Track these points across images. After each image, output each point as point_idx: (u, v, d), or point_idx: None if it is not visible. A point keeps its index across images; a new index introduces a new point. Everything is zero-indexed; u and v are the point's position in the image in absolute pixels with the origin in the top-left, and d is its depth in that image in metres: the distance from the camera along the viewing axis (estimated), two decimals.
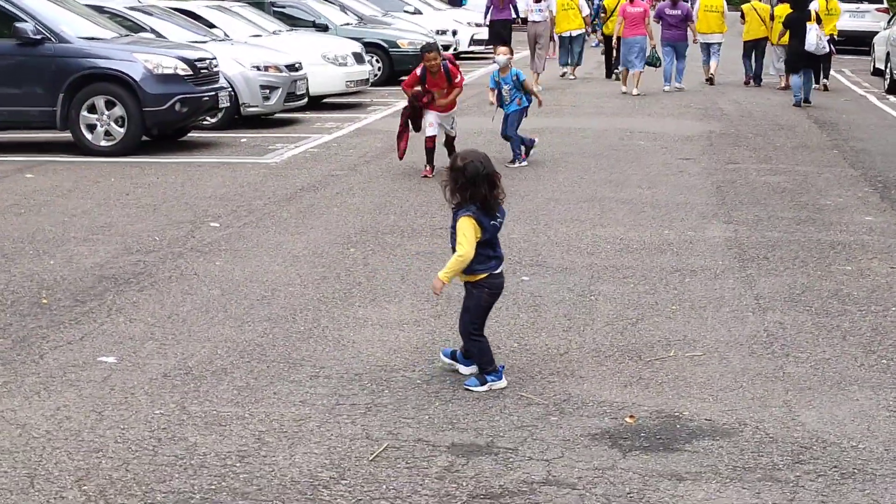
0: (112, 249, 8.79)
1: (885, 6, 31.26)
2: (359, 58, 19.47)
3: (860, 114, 18.45)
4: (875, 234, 9.56)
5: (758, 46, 22.45)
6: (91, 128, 13.44)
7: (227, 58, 15.77)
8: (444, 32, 28.71)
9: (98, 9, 15.66)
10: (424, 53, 12.20)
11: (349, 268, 8.31)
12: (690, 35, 21.57)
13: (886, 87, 21.96)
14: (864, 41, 27.87)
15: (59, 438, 5.17)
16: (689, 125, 16.69)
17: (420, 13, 30.30)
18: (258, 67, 16.21)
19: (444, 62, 12.18)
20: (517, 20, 24.76)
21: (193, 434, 5.24)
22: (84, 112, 13.37)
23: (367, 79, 19.94)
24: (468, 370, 5.99)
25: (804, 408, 5.63)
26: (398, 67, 22.41)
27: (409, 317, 7.11)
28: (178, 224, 9.73)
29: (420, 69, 12.16)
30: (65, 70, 13.28)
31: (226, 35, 17.87)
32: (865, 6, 31.03)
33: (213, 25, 18.14)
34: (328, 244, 9.05)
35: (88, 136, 13.45)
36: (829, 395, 5.81)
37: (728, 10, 23.49)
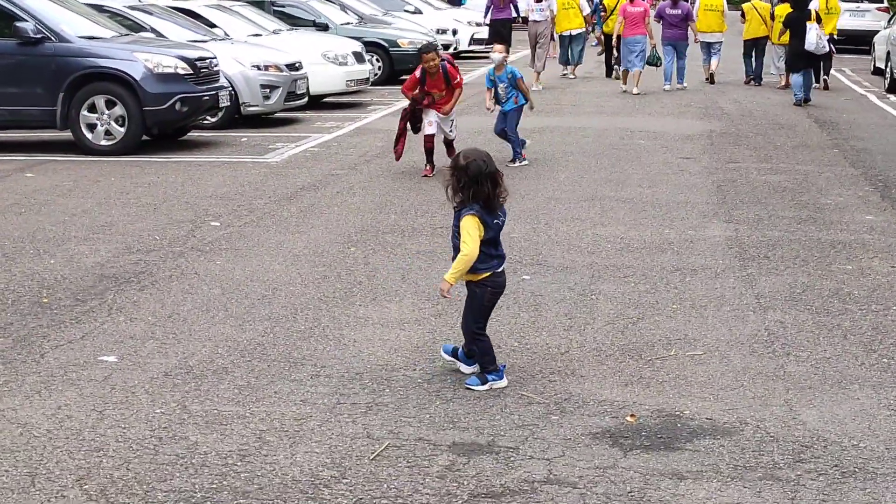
0: (112, 249, 8.80)
1: (886, 5, 31.24)
2: (359, 57, 19.47)
3: (860, 113, 18.44)
4: (876, 233, 9.56)
5: (758, 45, 22.45)
6: (91, 127, 13.44)
7: (228, 57, 15.77)
8: (445, 32, 28.71)
9: (98, 8, 15.66)
10: (422, 55, 12.18)
11: (350, 267, 8.32)
12: (691, 34, 21.57)
13: (887, 87, 21.94)
14: (865, 40, 27.85)
15: (60, 437, 5.18)
16: (690, 124, 16.69)
17: (420, 12, 30.29)
18: (258, 67, 16.21)
19: (443, 63, 12.15)
20: (518, 19, 24.76)
21: (194, 433, 5.24)
22: (84, 111, 13.37)
23: (368, 78, 19.94)
24: (470, 369, 5.99)
25: (805, 407, 5.64)
26: (398, 67, 22.42)
27: (410, 316, 7.11)
28: (179, 223, 9.73)
29: (419, 71, 12.13)
30: (65, 69, 13.28)
31: (226, 34, 17.87)
32: (866, 5, 31.01)
33: (214, 25, 18.15)
34: (329, 243, 9.05)
35: (89, 136, 13.45)
36: (830, 394, 5.81)
37: (728, 10, 23.48)
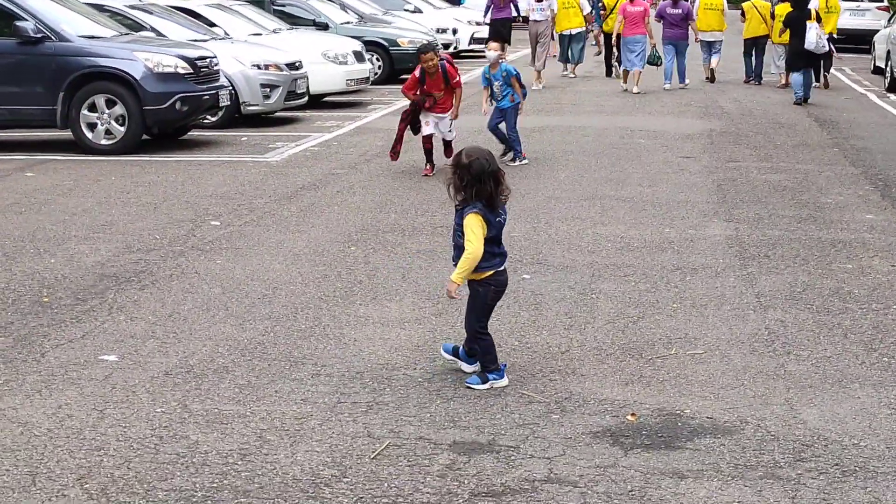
0: (113, 248, 8.80)
1: (886, 4, 31.23)
2: (359, 56, 19.47)
3: (861, 112, 18.44)
4: (876, 233, 9.57)
5: (758, 44, 22.45)
6: (91, 126, 13.44)
7: (228, 56, 15.77)
8: (445, 31, 28.71)
9: (98, 7, 15.67)
10: (421, 55, 12.17)
11: (350, 266, 8.32)
12: (692, 34, 21.56)
13: (887, 86, 21.94)
14: (865, 39, 27.86)
15: (61, 437, 5.18)
16: (690, 123, 16.69)
17: (420, 12, 30.30)
18: (258, 66, 16.21)
19: (442, 63, 12.14)
20: (518, 19, 24.75)
21: (195, 432, 5.24)
22: (84, 111, 13.37)
23: (368, 77, 19.94)
24: (471, 368, 5.98)
25: (805, 406, 5.64)
26: (398, 66, 22.42)
27: (410, 315, 7.11)
28: (179, 222, 9.73)
29: (418, 71, 12.13)
30: (65, 69, 13.28)
31: (226, 33, 17.87)
32: (866, 4, 31.01)
33: (214, 24, 18.14)
34: (329, 242, 9.05)
35: (89, 135, 13.45)
36: (831, 393, 5.81)
37: (728, 8, 23.48)
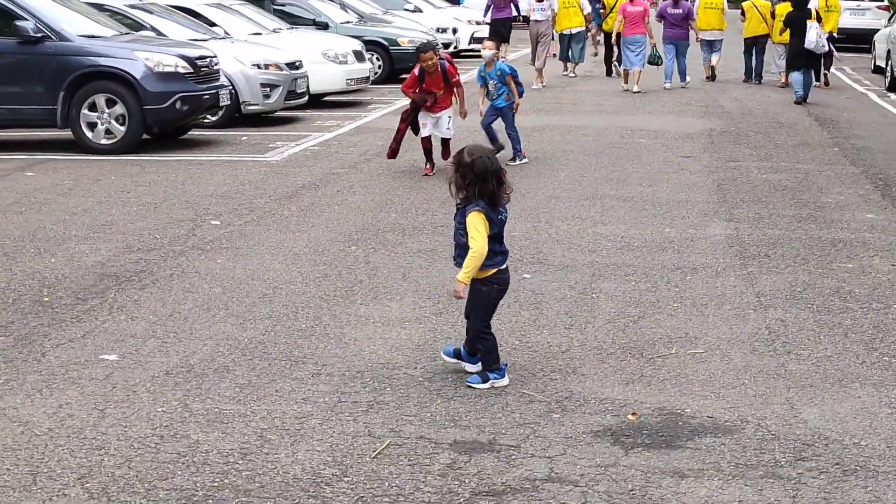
0: (113, 247, 8.79)
1: (886, 3, 31.23)
2: (359, 56, 19.47)
3: (861, 111, 18.44)
4: (876, 232, 9.57)
5: (758, 43, 22.45)
6: (92, 126, 13.43)
7: (228, 56, 15.77)
8: (445, 30, 28.70)
9: (98, 7, 15.67)
10: (420, 54, 12.16)
11: (350, 266, 8.32)
12: (692, 34, 21.54)
13: (887, 85, 21.94)
14: (865, 39, 27.86)
15: (62, 436, 5.18)
16: (690, 123, 16.68)
17: (420, 11, 30.29)
18: (259, 65, 16.21)
19: (442, 62, 12.12)
20: (518, 18, 24.74)
21: (196, 431, 5.24)
22: (85, 110, 13.36)
23: (368, 77, 19.95)
24: (475, 367, 5.97)
25: (806, 405, 5.64)
26: (398, 65, 22.42)
27: (411, 314, 7.11)
28: (179, 222, 9.73)
29: (418, 69, 12.11)
30: (65, 68, 13.27)
31: (226, 33, 17.87)
32: (866, 4, 31.01)
33: (214, 23, 18.14)
34: (329, 242, 9.05)
35: (89, 135, 13.45)
36: (831, 393, 5.81)
37: (728, 8, 23.46)
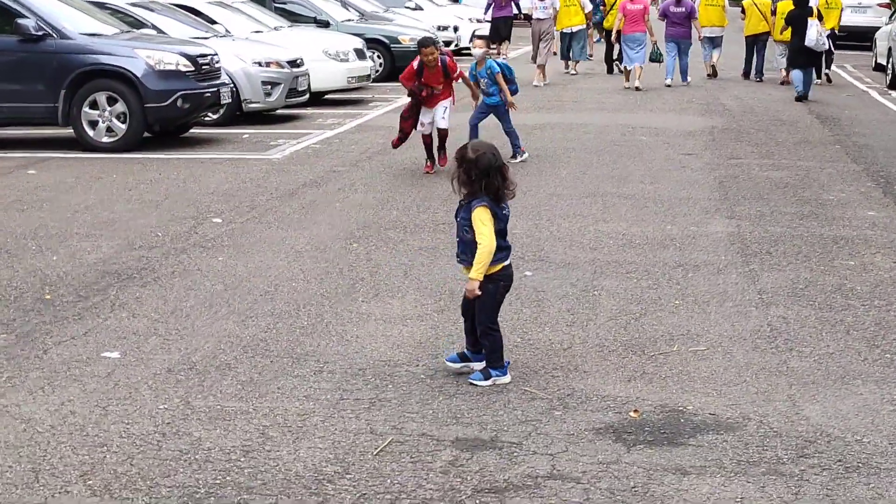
0: (115, 245, 8.80)
1: (887, 1, 31.20)
2: (360, 54, 19.48)
3: (862, 109, 18.43)
4: (878, 229, 9.56)
5: (758, 41, 22.44)
6: (93, 124, 13.43)
7: (229, 54, 15.78)
8: (446, 28, 28.68)
9: (99, 5, 15.65)
10: (421, 48, 12.13)
11: (352, 263, 8.32)
12: (695, 32, 21.54)
13: (888, 83, 21.92)
14: (866, 36, 27.84)
15: (64, 433, 5.18)
16: (691, 120, 16.68)
17: (421, 9, 30.28)
18: (260, 63, 16.21)
19: (443, 57, 12.11)
20: (519, 16, 24.73)
21: (198, 429, 5.24)
22: (86, 108, 13.36)
23: (369, 75, 19.94)
24: (482, 365, 5.95)
25: (808, 402, 5.64)
26: (399, 63, 22.28)
27: (413, 312, 7.11)
28: (181, 220, 9.73)
29: (417, 63, 12.06)
30: (66, 66, 13.27)
31: (227, 31, 17.86)
32: (867, 1, 30.97)
33: (215, 21, 18.14)
34: (331, 240, 9.05)
35: (90, 133, 13.45)
36: (833, 390, 5.81)
37: (729, 6, 23.44)
